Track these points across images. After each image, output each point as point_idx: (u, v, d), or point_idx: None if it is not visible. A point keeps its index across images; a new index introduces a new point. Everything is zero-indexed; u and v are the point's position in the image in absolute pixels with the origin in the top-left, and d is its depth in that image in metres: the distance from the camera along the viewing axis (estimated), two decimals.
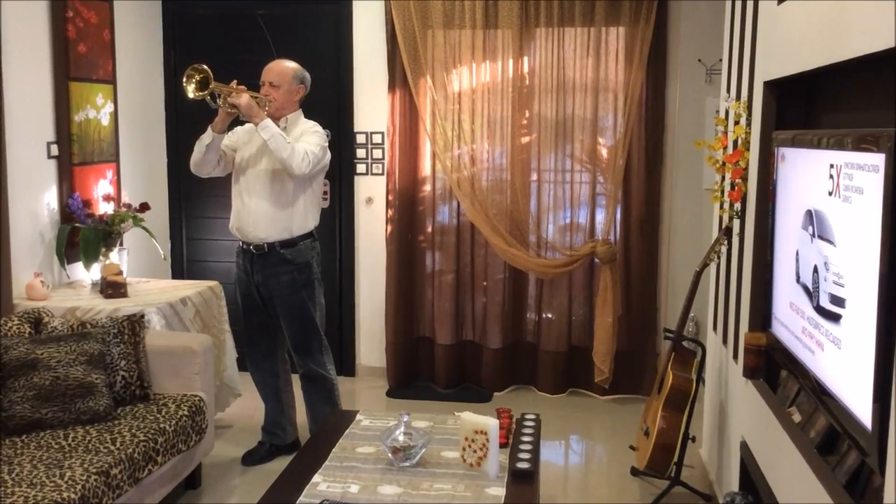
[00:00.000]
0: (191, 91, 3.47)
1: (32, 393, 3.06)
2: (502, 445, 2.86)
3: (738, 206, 3.08)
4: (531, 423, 3.11)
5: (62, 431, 3.03)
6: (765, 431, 2.57)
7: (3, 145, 3.57)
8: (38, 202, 3.97)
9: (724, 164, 3.23)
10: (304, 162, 3.53)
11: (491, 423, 2.69)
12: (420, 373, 5.10)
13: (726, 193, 3.27)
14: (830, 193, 1.95)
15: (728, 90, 3.54)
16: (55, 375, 3.10)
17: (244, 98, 3.51)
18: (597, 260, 4.71)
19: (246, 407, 4.44)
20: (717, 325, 3.57)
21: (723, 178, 3.43)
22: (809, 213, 2.13)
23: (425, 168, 4.96)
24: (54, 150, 4.07)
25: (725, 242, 3.33)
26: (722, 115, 3.57)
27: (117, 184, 4.56)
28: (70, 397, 3.09)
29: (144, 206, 4.35)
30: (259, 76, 3.74)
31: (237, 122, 3.69)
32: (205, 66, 3.49)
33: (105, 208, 4.31)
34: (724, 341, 3.36)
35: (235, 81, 3.58)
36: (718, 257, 3.40)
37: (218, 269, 5.15)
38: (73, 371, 3.13)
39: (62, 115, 4.09)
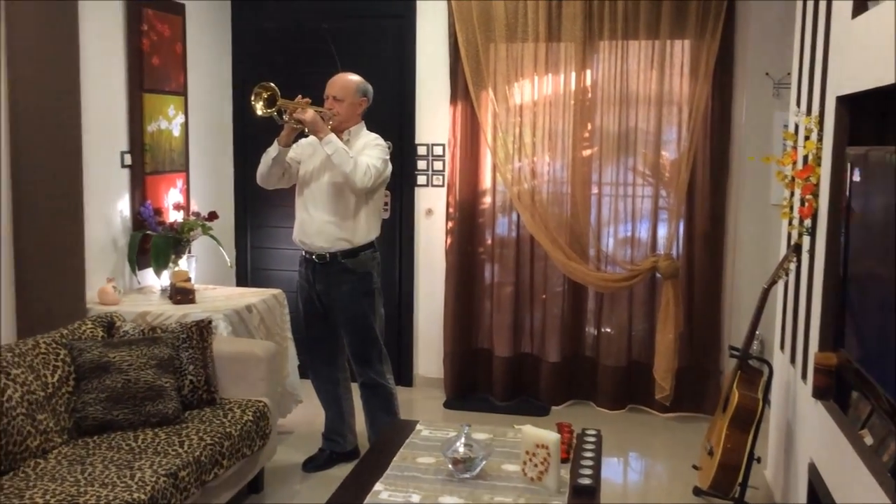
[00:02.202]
0: (259, 109, 3.55)
1: (105, 395, 3.15)
2: (563, 460, 2.84)
3: (808, 222, 3.02)
4: (592, 439, 3.08)
5: (132, 433, 3.12)
6: (835, 454, 2.51)
7: (80, 154, 3.70)
8: (111, 210, 4.11)
9: (793, 179, 3.17)
10: (367, 176, 3.59)
11: (553, 438, 2.68)
12: (477, 384, 5.10)
13: (796, 209, 3.20)
14: None
15: (798, 104, 3.47)
16: (126, 378, 3.19)
17: (309, 113, 3.58)
18: (658, 275, 4.65)
19: (307, 414, 4.50)
20: (785, 343, 3.50)
21: (792, 194, 3.36)
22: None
23: (485, 180, 4.98)
24: (128, 159, 4.20)
25: (795, 259, 3.26)
26: (791, 129, 3.51)
27: (187, 193, 4.68)
28: (140, 400, 3.18)
29: (213, 215, 4.46)
30: (324, 89, 3.81)
31: (301, 134, 3.76)
32: (272, 84, 3.56)
33: (175, 216, 4.43)
34: (792, 360, 3.29)
35: (300, 96, 3.65)
36: (787, 274, 3.33)
37: (280, 277, 5.24)
38: (143, 374, 3.22)
39: (136, 126, 4.23)
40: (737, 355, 3.43)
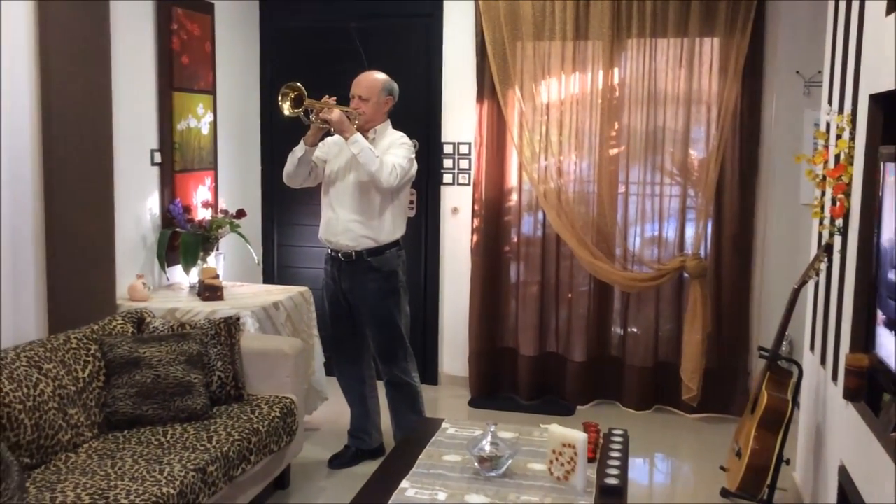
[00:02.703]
0: (286, 109, 3.56)
1: (134, 390, 3.19)
2: (590, 460, 2.83)
3: (839, 222, 2.99)
4: (619, 439, 3.07)
5: (161, 428, 3.16)
6: (866, 456, 2.48)
7: (111, 152, 3.75)
8: (141, 207, 4.15)
9: (825, 178, 3.13)
10: (392, 175, 3.60)
11: (580, 437, 2.67)
12: (502, 383, 5.09)
13: (827, 209, 3.17)
14: None
15: (830, 103, 3.43)
16: (156, 374, 3.23)
17: (335, 113, 3.59)
18: (686, 275, 4.62)
19: (332, 411, 4.52)
20: (815, 344, 3.46)
21: (823, 194, 3.32)
22: None
23: (511, 179, 4.97)
24: (157, 157, 4.25)
25: (825, 259, 3.22)
26: (823, 128, 3.46)
27: (215, 190, 4.73)
28: (169, 395, 3.22)
29: (241, 213, 4.50)
30: (351, 87, 3.82)
31: (328, 133, 3.78)
32: (298, 84, 3.57)
33: (203, 214, 4.47)
34: (823, 362, 3.25)
35: (327, 96, 3.67)
36: (817, 274, 3.30)
37: (306, 274, 5.27)
38: (173, 370, 3.26)
39: (165, 124, 4.27)
40: (766, 356, 3.39)
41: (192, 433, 3.10)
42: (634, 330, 4.86)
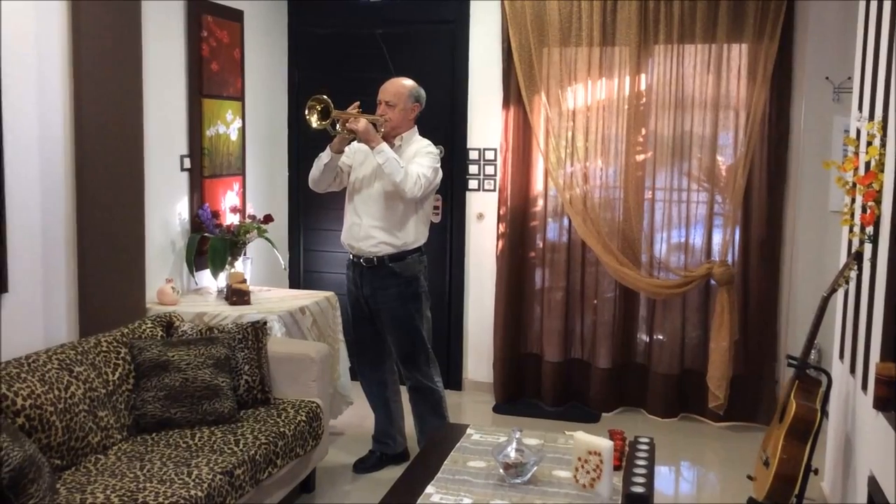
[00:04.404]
0: (314, 122, 3.59)
1: (163, 393, 3.23)
2: (615, 468, 2.82)
3: (870, 229, 2.95)
4: (645, 447, 3.05)
5: (189, 431, 3.19)
6: None
7: (141, 157, 3.80)
8: (170, 212, 4.20)
9: (855, 185, 3.10)
10: (417, 186, 3.61)
11: (606, 445, 2.66)
12: (526, 389, 5.09)
13: (857, 216, 3.13)
14: None
15: (860, 109, 3.40)
16: (185, 377, 3.26)
17: (361, 123, 3.61)
18: (713, 282, 4.59)
19: (357, 415, 4.54)
20: (845, 353, 3.42)
21: (853, 201, 3.29)
22: None
23: (537, 185, 4.97)
24: (187, 162, 4.29)
25: (855, 267, 3.19)
26: (853, 135, 3.43)
27: (243, 196, 4.77)
28: (197, 398, 3.25)
29: (268, 218, 4.54)
30: (377, 93, 3.84)
31: (353, 138, 3.79)
32: (325, 97, 3.59)
33: (232, 219, 4.51)
34: (852, 370, 3.22)
35: (353, 106, 3.69)
36: (847, 282, 3.26)
37: (332, 279, 5.30)
38: (201, 373, 3.29)
39: (195, 130, 4.32)
40: (795, 365, 3.36)
41: (219, 436, 3.13)
42: (660, 337, 4.84)
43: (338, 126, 3.66)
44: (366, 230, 3.78)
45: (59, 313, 3.41)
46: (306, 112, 3.59)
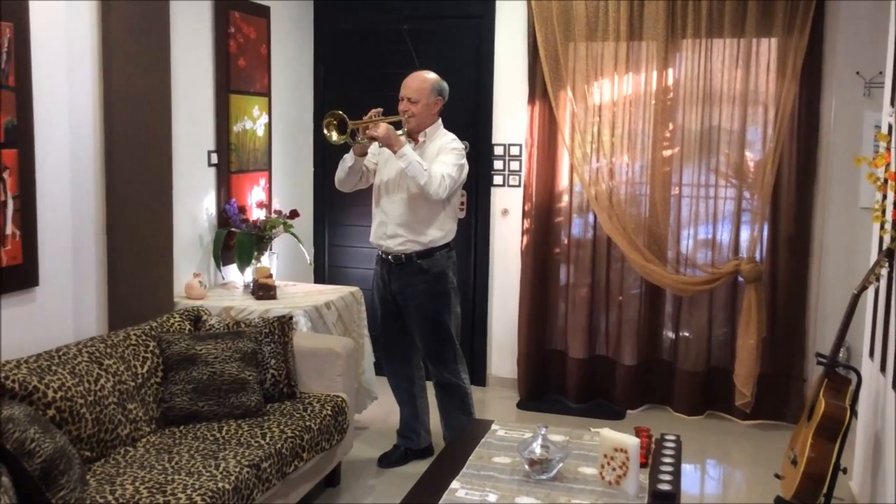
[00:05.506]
0: (334, 137, 3.61)
1: (191, 386, 3.26)
2: (642, 465, 2.80)
3: None
4: (672, 444, 3.03)
5: (216, 424, 3.22)
6: None
7: (170, 153, 3.83)
8: (198, 207, 4.23)
9: (886, 181, 3.06)
10: (441, 187, 3.61)
11: (632, 442, 2.65)
12: (551, 386, 5.07)
13: (888, 213, 3.09)
14: None
15: (892, 104, 3.35)
16: (212, 371, 3.29)
17: (381, 128, 3.61)
18: (741, 279, 4.55)
19: (382, 410, 4.56)
20: (875, 351, 3.38)
21: (884, 197, 3.24)
22: None
23: (562, 180, 4.94)
24: (214, 158, 4.33)
25: (886, 265, 3.14)
26: (884, 130, 3.38)
27: (269, 191, 4.80)
28: (225, 392, 3.28)
29: (294, 213, 4.56)
30: (400, 90, 3.83)
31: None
32: (339, 112, 3.61)
33: (258, 214, 4.54)
34: (882, 369, 3.18)
35: (372, 113, 3.69)
36: (878, 280, 3.22)
37: (356, 275, 5.32)
38: (228, 367, 3.32)
39: (222, 126, 4.35)
40: (824, 363, 3.32)
41: (246, 430, 3.16)
42: (686, 334, 4.80)
43: (358, 136, 3.68)
44: (392, 229, 3.79)
45: (88, 307, 3.45)
46: (324, 130, 3.61)
